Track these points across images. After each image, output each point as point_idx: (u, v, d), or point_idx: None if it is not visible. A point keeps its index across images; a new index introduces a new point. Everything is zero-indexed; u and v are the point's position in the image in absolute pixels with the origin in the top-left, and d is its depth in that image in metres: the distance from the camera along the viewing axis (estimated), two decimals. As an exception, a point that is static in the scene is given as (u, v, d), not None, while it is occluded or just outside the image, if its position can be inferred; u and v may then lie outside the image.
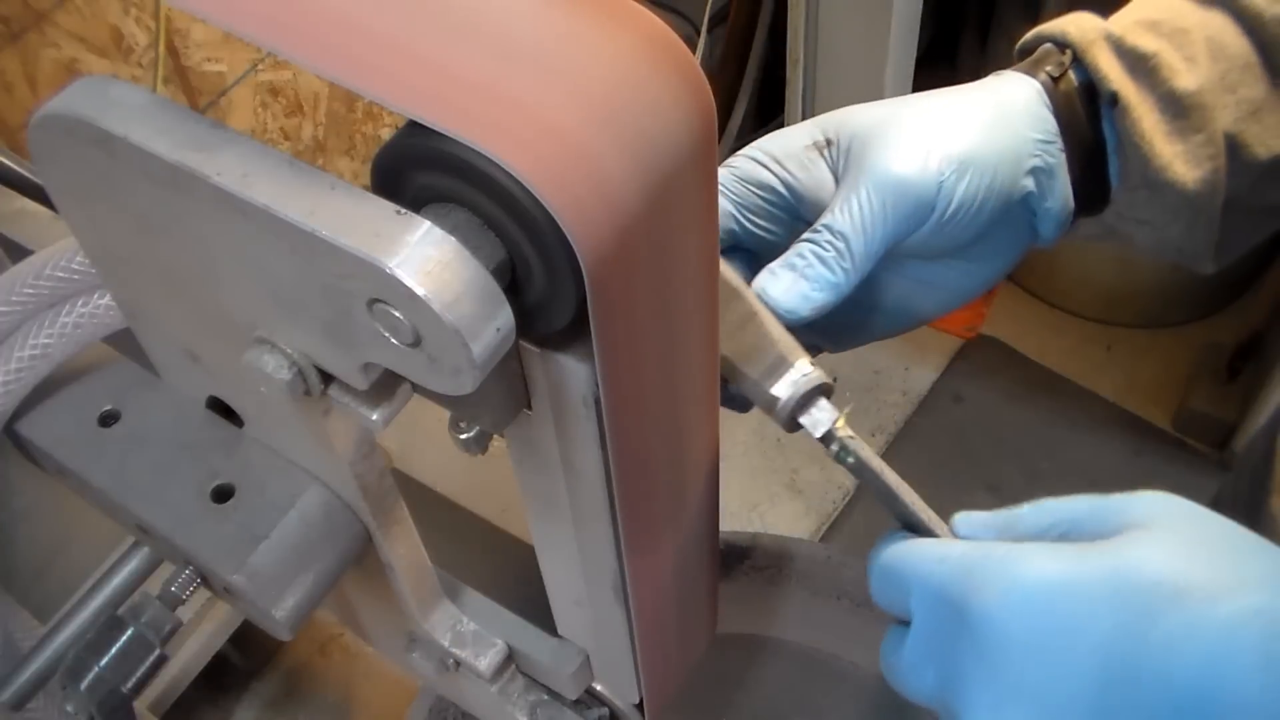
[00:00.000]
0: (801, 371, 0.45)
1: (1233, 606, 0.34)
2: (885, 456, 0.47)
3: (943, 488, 1.47)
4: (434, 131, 0.29)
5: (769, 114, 1.98)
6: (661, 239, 0.33)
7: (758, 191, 0.52)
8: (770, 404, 0.45)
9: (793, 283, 0.48)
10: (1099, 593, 0.35)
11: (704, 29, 1.83)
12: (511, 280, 0.32)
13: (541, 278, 0.31)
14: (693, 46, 1.84)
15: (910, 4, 1.61)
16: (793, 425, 0.45)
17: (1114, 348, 2.04)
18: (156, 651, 0.46)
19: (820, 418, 0.45)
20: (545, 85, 0.30)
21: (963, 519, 0.43)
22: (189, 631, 0.85)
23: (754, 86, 1.95)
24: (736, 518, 1.89)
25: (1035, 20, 0.58)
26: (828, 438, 0.45)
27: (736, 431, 1.99)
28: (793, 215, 0.53)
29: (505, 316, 0.30)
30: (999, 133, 0.51)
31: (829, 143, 0.52)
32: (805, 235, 0.49)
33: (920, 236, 0.50)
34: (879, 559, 0.43)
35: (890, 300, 0.55)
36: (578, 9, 0.31)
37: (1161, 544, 0.36)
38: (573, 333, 0.33)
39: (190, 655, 0.85)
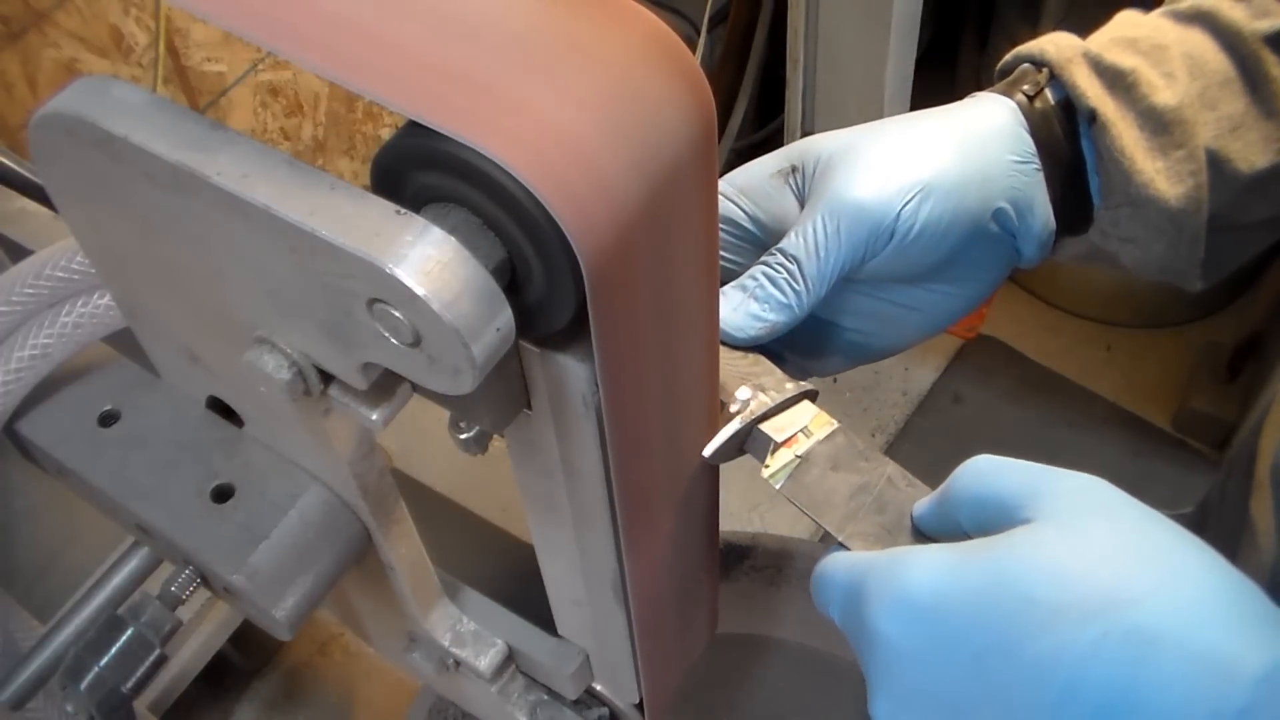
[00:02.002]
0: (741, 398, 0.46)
1: (1099, 629, 0.33)
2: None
3: (943, 488, 1.47)
4: (434, 131, 0.29)
5: (769, 114, 1.98)
6: (661, 239, 0.33)
7: (724, 227, 0.53)
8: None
9: (740, 302, 0.49)
10: (978, 605, 0.35)
11: (704, 29, 1.83)
12: (511, 280, 0.32)
13: (541, 278, 0.31)
14: (693, 46, 1.84)
15: (910, 4, 1.61)
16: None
17: (1114, 348, 2.04)
18: (156, 651, 0.46)
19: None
20: (545, 85, 0.30)
21: (917, 505, 0.43)
22: (189, 631, 0.85)
23: (754, 86, 1.95)
24: (736, 518, 1.89)
25: (1035, 21, 0.58)
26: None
27: (736, 431, 1.99)
28: (757, 245, 0.53)
29: (505, 316, 0.30)
30: (969, 154, 0.51)
31: (794, 170, 0.52)
32: (760, 259, 0.50)
33: (883, 260, 0.50)
34: (815, 572, 0.43)
35: (871, 324, 0.55)
36: (578, 9, 0.31)
37: (1051, 547, 0.35)
38: (573, 333, 0.33)
39: (190, 655, 0.85)
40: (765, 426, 0.45)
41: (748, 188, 0.53)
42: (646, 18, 0.32)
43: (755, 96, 1.96)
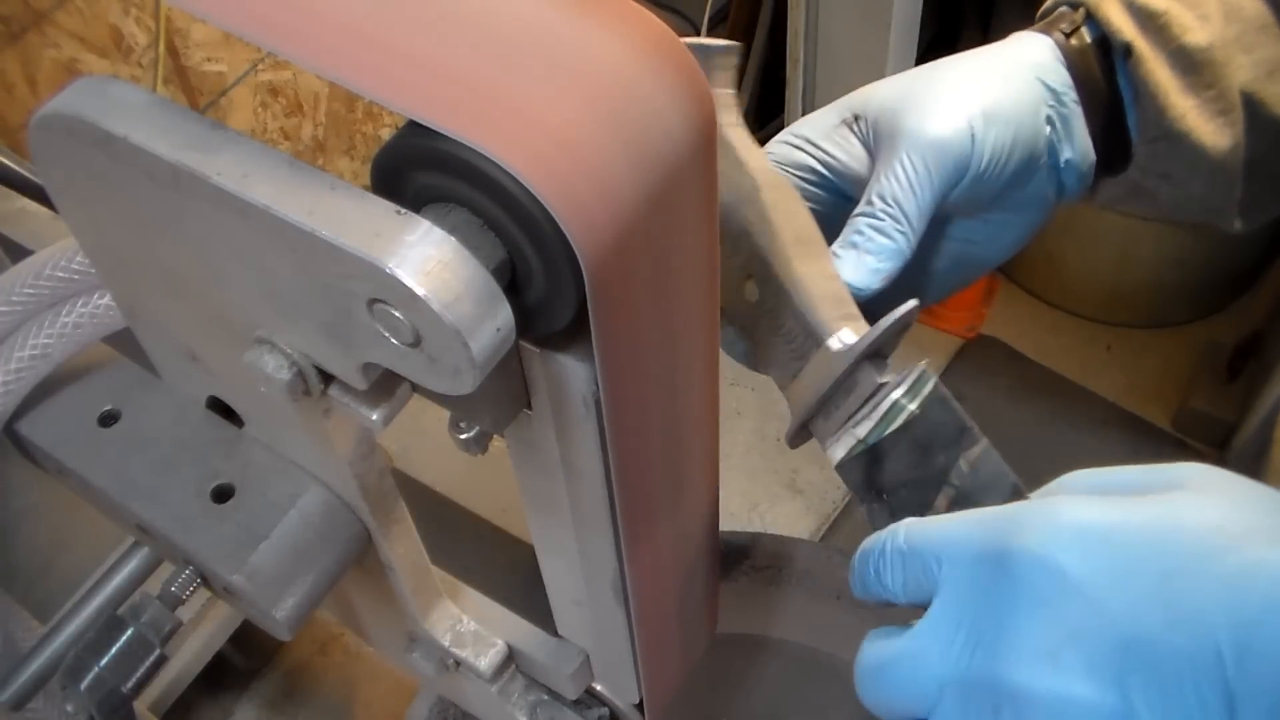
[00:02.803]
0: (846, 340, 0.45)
1: None
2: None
3: (943, 488, 1.47)
4: (434, 131, 0.29)
5: (769, 114, 1.98)
6: (661, 239, 0.33)
7: (797, 173, 0.55)
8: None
9: (857, 260, 0.50)
10: (1153, 535, 0.34)
11: (704, 29, 1.83)
12: (511, 280, 0.32)
13: (541, 278, 0.31)
14: (693, 46, 1.83)
15: (910, 4, 1.61)
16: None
17: (1114, 348, 2.04)
18: (156, 651, 0.46)
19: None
20: (545, 85, 0.30)
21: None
22: (189, 631, 0.85)
23: (754, 86, 1.95)
24: (736, 518, 1.89)
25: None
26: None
27: (736, 431, 1.99)
28: (833, 191, 0.55)
29: (505, 316, 0.30)
30: (1017, 85, 0.53)
31: (857, 118, 0.54)
32: (856, 211, 0.51)
33: (960, 192, 0.52)
34: (895, 542, 0.40)
35: (939, 262, 0.57)
36: (578, 9, 0.31)
37: (1209, 498, 0.35)
38: (573, 333, 0.33)
39: (190, 655, 0.85)
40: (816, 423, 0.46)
41: (816, 136, 0.55)
42: (646, 18, 0.32)
43: (755, 96, 1.96)
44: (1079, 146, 0.55)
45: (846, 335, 0.45)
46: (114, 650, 0.45)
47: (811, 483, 1.94)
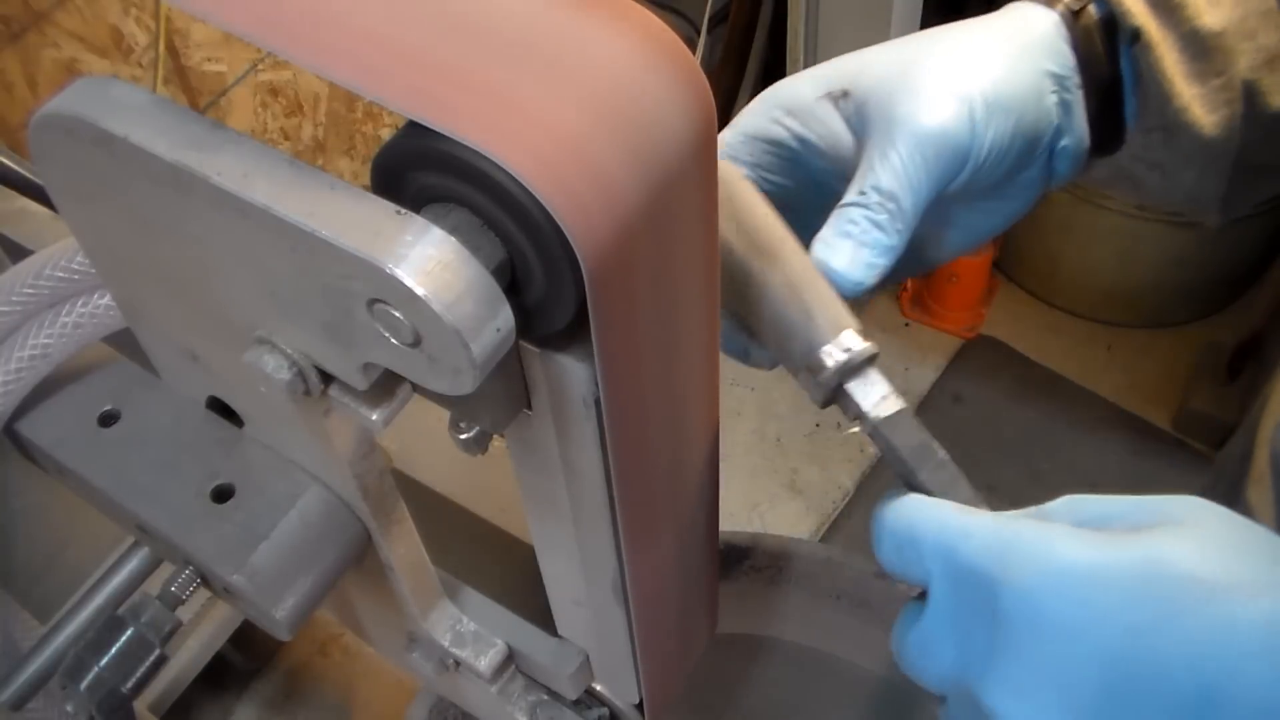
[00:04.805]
0: (850, 341, 0.43)
1: (1265, 606, 0.33)
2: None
3: (943, 488, 1.47)
4: (434, 131, 0.29)
5: (769, 114, 1.97)
6: (661, 239, 0.33)
7: (768, 148, 0.52)
8: (815, 369, 0.43)
9: (854, 252, 0.47)
10: (1132, 580, 0.34)
11: (704, 29, 1.84)
12: (511, 280, 0.32)
13: (541, 278, 0.31)
14: (693, 46, 1.84)
15: (910, 4, 1.62)
16: (831, 397, 0.44)
17: (1114, 348, 2.04)
18: (156, 651, 0.46)
19: (868, 392, 0.43)
20: (545, 85, 0.30)
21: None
22: (189, 631, 0.85)
23: (754, 86, 1.95)
24: (736, 518, 1.89)
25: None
26: (861, 415, 0.43)
27: (736, 431, 2.00)
28: (803, 167, 0.52)
29: (505, 316, 0.30)
30: (1021, 68, 0.50)
31: (845, 94, 0.51)
32: (848, 200, 0.48)
33: (957, 184, 0.50)
34: (892, 521, 0.41)
35: (912, 245, 0.53)
36: (578, 9, 0.31)
37: (1195, 540, 0.35)
38: (573, 333, 0.33)
39: (190, 655, 0.85)
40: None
41: (794, 108, 0.52)
42: (646, 18, 0.32)
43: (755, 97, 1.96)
44: (1077, 132, 0.53)
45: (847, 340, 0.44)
46: (114, 650, 0.45)
47: (811, 483, 1.94)
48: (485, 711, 0.58)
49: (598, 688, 0.54)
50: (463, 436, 0.39)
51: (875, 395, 0.43)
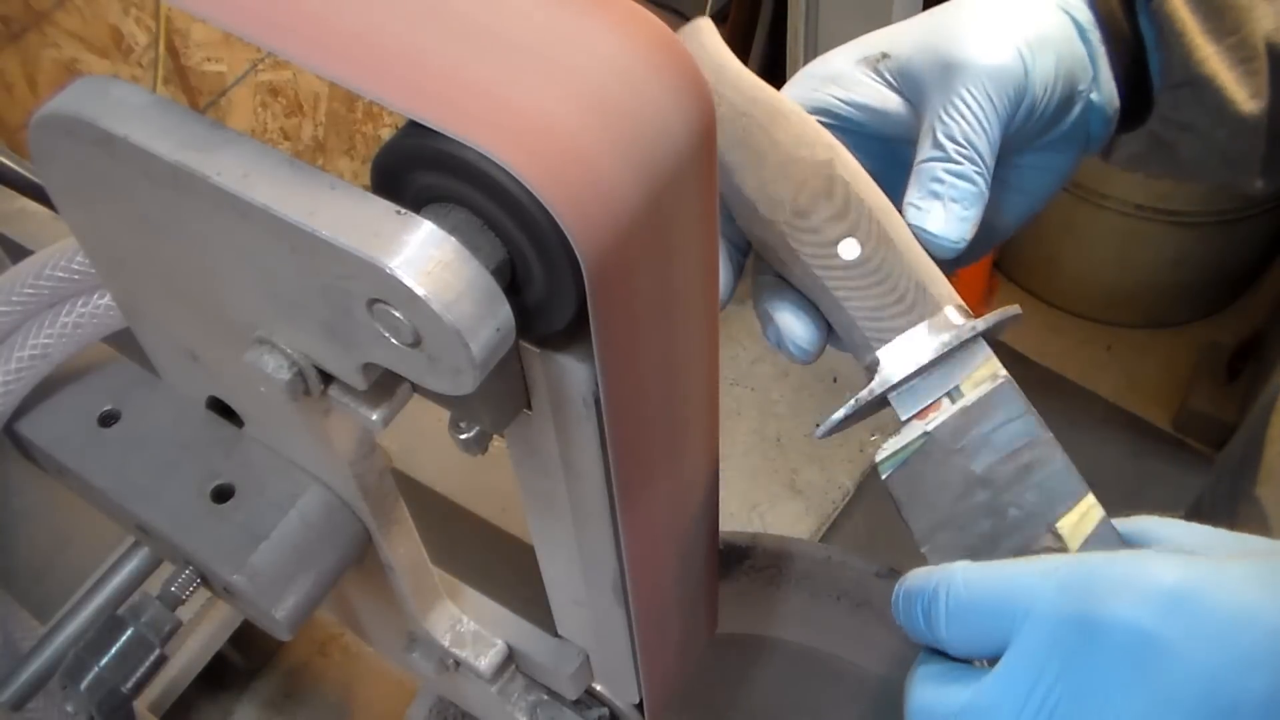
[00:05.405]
0: (953, 322, 0.43)
1: None
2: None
3: (943, 488, 1.47)
4: (434, 131, 0.29)
5: (769, 114, 1.97)
6: (661, 239, 0.33)
7: (818, 117, 0.51)
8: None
9: (945, 210, 0.47)
10: (1248, 598, 0.33)
11: (704, 29, 1.83)
12: (511, 280, 0.32)
13: (541, 278, 0.31)
14: (693, 46, 1.83)
15: (910, 5, 1.61)
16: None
17: (1114, 348, 2.04)
18: (156, 651, 0.46)
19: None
20: (545, 85, 0.30)
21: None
22: (189, 631, 0.85)
23: (754, 86, 1.95)
24: (736, 518, 1.89)
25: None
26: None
27: (736, 431, 1.99)
28: (851, 134, 0.52)
29: (505, 316, 0.30)
30: (1047, 16, 0.51)
31: (884, 55, 0.51)
32: (925, 157, 0.48)
33: (1014, 125, 0.49)
34: (954, 589, 0.38)
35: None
36: (578, 9, 0.31)
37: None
38: (573, 333, 0.33)
39: (190, 655, 0.85)
40: (899, 394, 0.42)
41: (835, 77, 0.52)
42: (646, 18, 0.32)
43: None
44: (1104, 89, 0.53)
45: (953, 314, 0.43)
46: (114, 650, 0.45)
47: (811, 483, 1.94)
48: (485, 711, 0.58)
49: (598, 688, 0.54)
50: (463, 436, 0.39)
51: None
